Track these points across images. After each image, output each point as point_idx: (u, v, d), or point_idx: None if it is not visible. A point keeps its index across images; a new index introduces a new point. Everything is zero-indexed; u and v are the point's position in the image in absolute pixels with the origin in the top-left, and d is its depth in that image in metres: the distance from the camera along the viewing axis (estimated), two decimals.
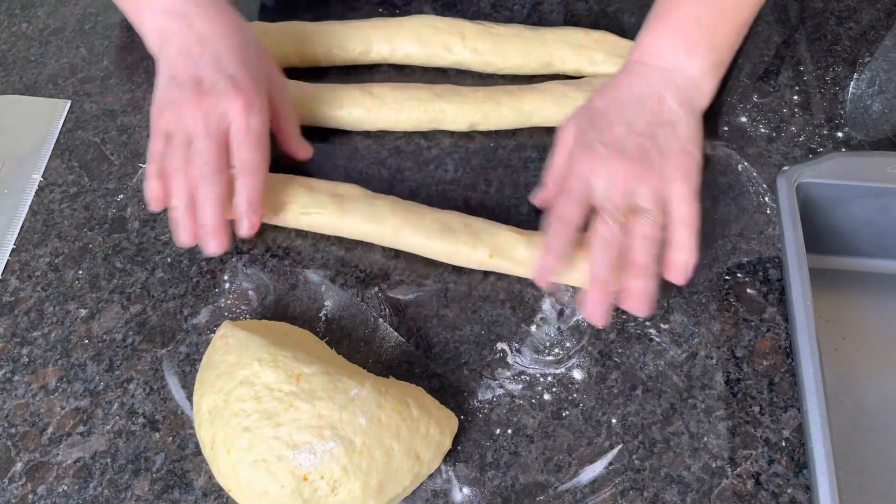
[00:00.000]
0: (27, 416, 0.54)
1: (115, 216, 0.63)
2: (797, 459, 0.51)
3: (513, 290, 0.59)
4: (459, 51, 0.69)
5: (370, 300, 0.59)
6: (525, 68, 0.69)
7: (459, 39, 0.69)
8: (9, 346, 0.57)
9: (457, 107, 0.65)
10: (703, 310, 0.58)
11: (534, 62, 0.69)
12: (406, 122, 0.66)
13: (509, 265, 0.57)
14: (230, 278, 0.60)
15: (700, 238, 0.61)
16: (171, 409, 0.54)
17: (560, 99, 0.65)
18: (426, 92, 0.66)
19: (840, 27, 0.75)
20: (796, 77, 0.71)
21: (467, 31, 0.69)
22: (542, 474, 0.51)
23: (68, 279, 0.60)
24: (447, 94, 0.66)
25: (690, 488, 0.50)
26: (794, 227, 0.53)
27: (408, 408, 0.48)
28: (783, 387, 0.54)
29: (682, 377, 0.55)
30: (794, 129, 0.67)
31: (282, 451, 0.46)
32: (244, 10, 0.77)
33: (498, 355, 0.56)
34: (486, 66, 0.70)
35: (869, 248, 0.60)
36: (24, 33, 0.77)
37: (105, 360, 0.56)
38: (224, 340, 0.51)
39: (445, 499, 0.50)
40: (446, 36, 0.69)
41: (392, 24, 0.70)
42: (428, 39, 0.69)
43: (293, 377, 0.48)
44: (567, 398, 0.54)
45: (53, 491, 0.51)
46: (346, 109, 0.65)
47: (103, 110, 0.70)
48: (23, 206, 0.64)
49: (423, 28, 0.69)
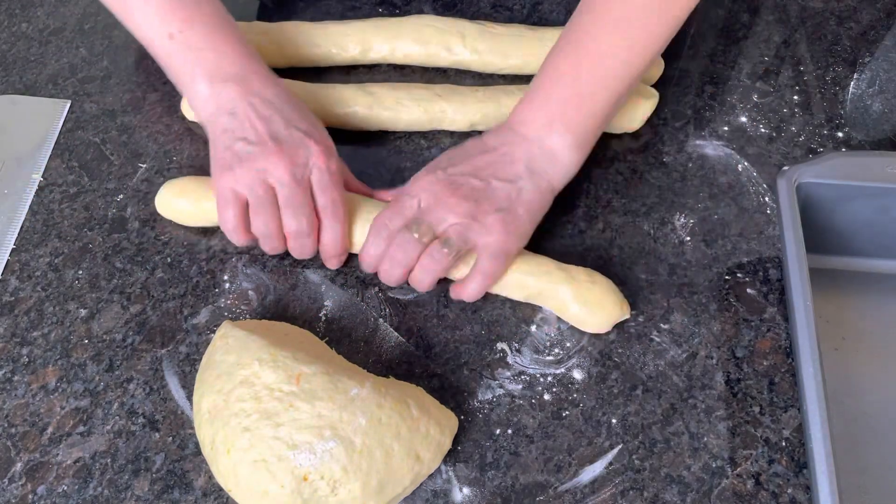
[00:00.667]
0: (27, 416, 0.54)
1: (115, 216, 0.63)
2: (797, 459, 0.51)
3: None
4: (459, 51, 0.69)
5: (370, 300, 0.59)
6: (525, 68, 0.69)
7: (459, 39, 0.69)
8: (9, 346, 0.57)
9: (457, 107, 0.65)
10: (703, 310, 0.58)
11: (534, 62, 0.69)
12: (406, 122, 0.66)
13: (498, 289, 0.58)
14: (230, 278, 0.60)
15: (700, 238, 0.61)
16: (171, 409, 0.54)
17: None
18: (426, 92, 0.66)
19: (840, 27, 0.75)
20: (796, 77, 0.71)
21: (467, 31, 0.69)
22: (542, 474, 0.51)
23: (68, 279, 0.60)
24: (447, 94, 0.66)
25: (690, 488, 0.50)
26: (794, 227, 0.53)
27: (408, 408, 0.48)
28: (783, 387, 0.54)
29: (682, 377, 0.55)
30: (794, 129, 0.67)
31: (282, 451, 0.46)
32: (244, 10, 0.77)
33: (498, 355, 0.56)
34: (486, 66, 0.70)
35: (869, 248, 0.60)
36: (24, 33, 0.77)
37: (105, 360, 0.56)
38: (224, 340, 0.51)
39: (445, 499, 0.50)
40: (446, 36, 0.69)
41: (392, 24, 0.70)
42: (428, 39, 0.69)
43: (293, 377, 0.48)
44: (567, 398, 0.54)
45: (53, 491, 0.51)
46: (346, 109, 0.65)
47: (103, 110, 0.70)
48: (23, 206, 0.64)
49: (423, 28, 0.70)
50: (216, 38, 0.58)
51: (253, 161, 0.55)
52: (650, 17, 0.55)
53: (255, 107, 0.57)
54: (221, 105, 0.57)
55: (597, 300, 0.55)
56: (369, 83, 0.67)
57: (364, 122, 0.66)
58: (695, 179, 0.65)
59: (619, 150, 0.67)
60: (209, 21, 0.58)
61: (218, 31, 0.58)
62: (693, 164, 0.65)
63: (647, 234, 0.61)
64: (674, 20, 0.55)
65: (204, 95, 0.58)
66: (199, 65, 0.57)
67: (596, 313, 0.55)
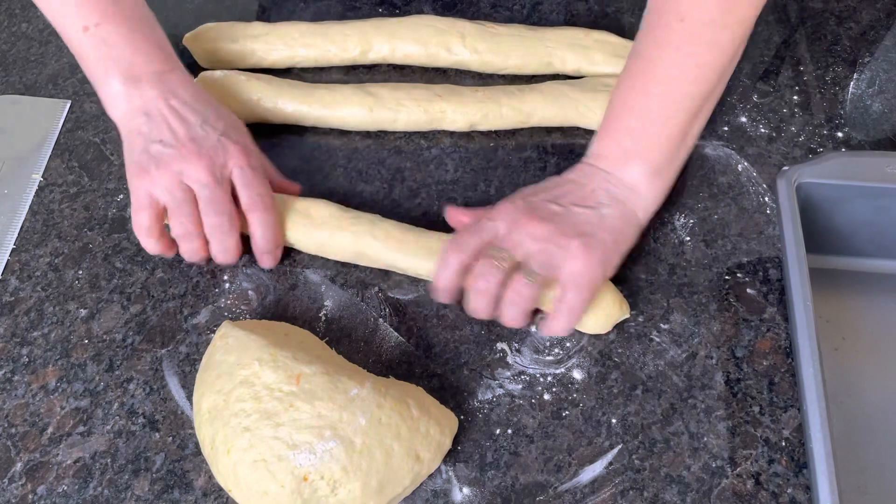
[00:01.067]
0: (27, 416, 0.54)
1: (115, 216, 0.63)
2: (797, 459, 0.51)
3: None
4: (459, 51, 0.69)
5: (370, 300, 0.59)
6: (525, 68, 0.69)
7: (459, 39, 0.69)
8: (9, 346, 0.57)
9: (456, 107, 0.65)
10: (703, 310, 0.58)
11: (534, 62, 0.69)
12: (405, 122, 0.66)
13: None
14: (230, 278, 0.60)
15: (700, 238, 0.61)
16: (171, 409, 0.54)
17: (559, 98, 0.65)
18: (426, 92, 0.66)
19: (840, 27, 0.75)
20: (796, 77, 0.71)
21: (467, 31, 0.69)
22: (542, 474, 0.51)
23: (68, 279, 0.60)
24: (447, 94, 0.66)
25: (690, 488, 0.50)
26: (794, 227, 0.53)
27: (408, 408, 0.48)
28: (783, 387, 0.54)
29: (682, 377, 0.55)
30: (794, 129, 0.67)
31: (282, 451, 0.46)
32: (244, 10, 0.77)
33: (498, 355, 0.56)
34: (486, 66, 0.70)
35: (869, 248, 0.60)
36: (24, 33, 0.77)
37: (105, 360, 0.56)
38: (224, 340, 0.51)
39: (445, 499, 0.50)
40: (446, 36, 0.69)
41: (392, 24, 0.70)
42: (428, 39, 0.69)
43: (293, 377, 0.48)
44: (567, 398, 0.54)
45: (53, 491, 0.51)
46: (346, 109, 0.65)
47: (103, 110, 0.70)
48: (23, 206, 0.64)
49: (423, 28, 0.69)
50: (133, 34, 0.57)
51: (170, 163, 0.54)
52: (712, 30, 0.51)
53: (171, 107, 0.56)
54: (135, 105, 0.56)
55: (595, 301, 0.54)
56: (369, 83, 0.67)
57: (364, 123, 0.66)
58: (694, 179, 0.65)
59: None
60: (128, 16, 0.57)
61: (136, 27, 0.57)
62: (693, 164, 0.65)
63: (647, 233, 0.61)
64: (740, 25, 0.52)
65: (117, 94, 0.56)
66: (113, 62, 0.56)
67: (595, 314, 0.55)
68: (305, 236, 0.58)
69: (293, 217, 0.58)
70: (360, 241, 0.57)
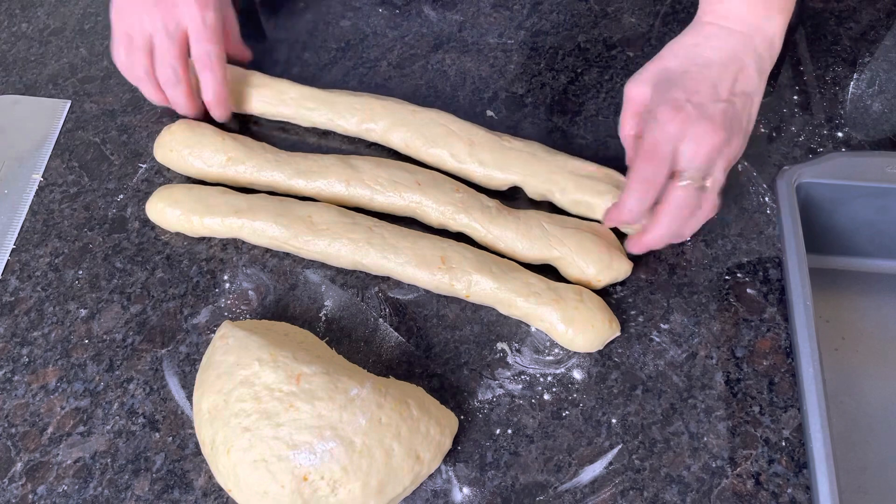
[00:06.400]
0: (27, 416, 0.54)
1: (115, 216, 0.63)
2: (797, 459, 0.51)
3: None
4: (464, 158, 0.63)
5: (370, 300, 0.59)
6: (523, 184, 0.62)
7: (467, 147, 0.63)
8: (9, 346, 0.57)
9: (432, 203, 0.60)
10: (703, 310, 0.58)
11: (532, 181, 0.62)
12: (380, 204, 0.61)
13: (488, 301, 0.57)
14: (230, 278, 0.60)
15: (700, 238, 0.61)
16: (171, 409, 0.54)
17: (533, 230, 0.58)
18: (407, 176, 0.61)
19: (840, 27, 0.75)
20: (796, 77, 0.71)
21: (478, 139, 0.63)
22: (542, 474, 0.51)
23: (68, 279, 0.60)
24: (426, 185, 0.60)
25: (690, 488, 0.50)
26: (794, 227, 0.53)
27: (408, 408, 0.49)
28: (783, 387, 0.54)
29: (682, 377, 0.55)
30: (794, 129, 0.67)
31: (282, 452, 0.46)
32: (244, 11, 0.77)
33: (498, 355, 0.56)
34: (490, 180, 0.63)
35: (869, 248, 0.60)
36: (24, 33, 0.77)
37: (105, 360, 0.56)
38: (224, 341, 0.51)
39: (445, 499, 0.50)
40: (454, 139, 0.63)
41: (406, 111, 0.65)
42: (435, 139, 0.64)
43: (293, 377, 0.48)
44: (567, 398, 0.54)
45: (53, 491, 0.51)
46: (323, 179, 0.61)
47: (103, 110, 0.70)
48: (23, 206, 0.64)
49: (437, 126, 0.64)
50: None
51: (135, 8, 0.60)
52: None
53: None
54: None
55: (584, 320, 0.54)
56: (353, 155, 0.63)
57: (339, 197, 0.62)
58: None
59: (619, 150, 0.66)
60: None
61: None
62: None
63: None
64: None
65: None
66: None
67: (585, 333, 0.54)
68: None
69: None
70: (359, 250, 0.58)
